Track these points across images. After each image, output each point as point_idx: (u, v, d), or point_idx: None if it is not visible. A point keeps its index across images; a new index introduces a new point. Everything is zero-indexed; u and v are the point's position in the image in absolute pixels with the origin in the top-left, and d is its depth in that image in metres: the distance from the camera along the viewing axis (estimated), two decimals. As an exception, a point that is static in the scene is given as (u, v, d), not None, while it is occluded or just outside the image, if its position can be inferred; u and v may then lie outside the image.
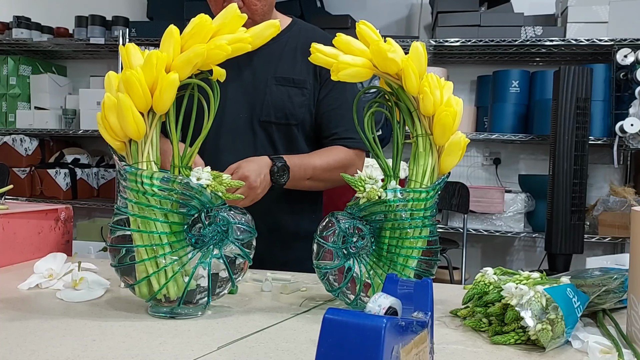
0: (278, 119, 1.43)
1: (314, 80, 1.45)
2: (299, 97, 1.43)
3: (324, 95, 1.46)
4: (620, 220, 2.93)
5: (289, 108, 1.42)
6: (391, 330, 0.52)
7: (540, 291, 0.82)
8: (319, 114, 1.46)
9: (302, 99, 1.44)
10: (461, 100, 0.98)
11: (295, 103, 1.43)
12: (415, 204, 0.94)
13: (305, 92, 1.44)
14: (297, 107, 1.43)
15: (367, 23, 0.98)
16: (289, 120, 1.43)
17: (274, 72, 1.43)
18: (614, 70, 2.99)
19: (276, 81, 1.43)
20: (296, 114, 1.43)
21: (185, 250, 0.93)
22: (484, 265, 1.22)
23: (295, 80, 1.43)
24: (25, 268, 1.20)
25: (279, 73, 1.43)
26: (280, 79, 1.43)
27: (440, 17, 3.18)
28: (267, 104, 1.42)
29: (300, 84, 1.43)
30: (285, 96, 1.42)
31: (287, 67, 1.44)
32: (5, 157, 3.56)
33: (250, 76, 1.44)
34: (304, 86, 1.44)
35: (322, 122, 1.47)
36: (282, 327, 0.90)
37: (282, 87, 1.43)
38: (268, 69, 1.43)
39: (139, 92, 0.90)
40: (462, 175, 3.56)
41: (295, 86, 1.43)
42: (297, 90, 1.43)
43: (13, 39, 3.66)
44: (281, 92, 1.42)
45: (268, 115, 1.42)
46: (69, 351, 0.76)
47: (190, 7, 3.33)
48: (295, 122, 1.44)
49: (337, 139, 1.45)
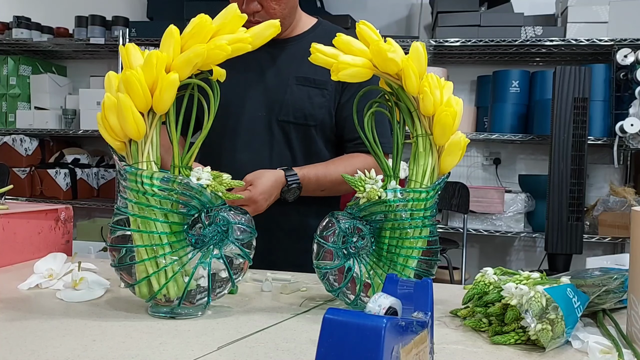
0: (296, 119, 1.42)
1: (336, 82, 1.41)
2: (319, 98, 1.42)
3: (347, 99, 1.44)
4: (620, 220, 2.93)
5: (308, 108, 1.41)
6: (391, 330, 0.52)
7: (540, 291, 0.82)
8: (342, 117, 1.45)
9: (322, 100, 1.42)
10: (461, 100, 0.98)
11: (314, 104, 1.42)
12: (415, 204, 0.94)
13: (325, 93, 1.42)
14: (317, 108, 1.42)
15: (367, 23, 0.98)
16: (307, 121, 1.42)
17: (295, 72, 1.42)
18: (614, 70, 2.99)
19: (297, 81, 1.41)
20: (315, 115, 1.42)
21: (185, 250, 0.93)
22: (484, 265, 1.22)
23: (316, 81, 1.41)
24: (25, 268, 1.20)
25: (300, 73, 1.42)
26: (301, 79, 1.41)
27: (440, 17, 3.18)
28: (286, 104, 1.41)
29: (321, 85, 1.42)
30: (305, 96, 1.41)
31: (308, 67, 1.41)
32: (5, 157, 3.57)
33: (272, 76, 1.43)
34: (324, 87, 1.42)
35: (345, 125, 1.46)
36: (282, 327, 0.90)
37: (303, 87, 1.41)
38: (290, 68, 1.42)
39: (139, 92, 0.90)
40: (462, 175, 3.56)
41: (316, 87, 1.42)
42: (317, 91, 1.42)
43: (13, 39, 3.66)
44: (301, 92, 1.41)
45: (287, 114, 1.41)
46: (69, 351, 0.76)
47: (190, 7, 3.33)
48: (313, 123, 1.43)
49: (360, 144, 1.43)
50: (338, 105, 1.45)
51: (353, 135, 1.44)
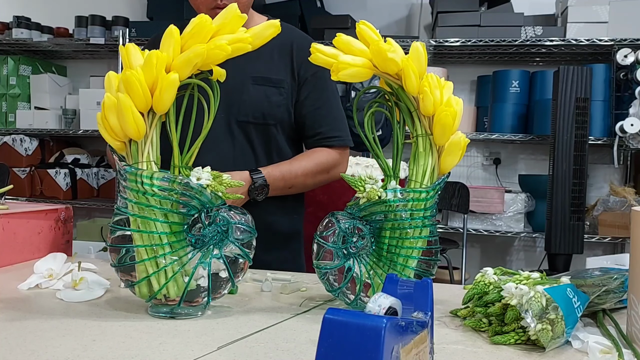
0: (256, 119, 1.42)
1: (292, 80, 1.44)
2: (277, 97, 1.43)
3: (305, 96, 1.45)
4: (620, 220, 2.93)
5: (266, 108, 1.42)
6: (391, 330, 0.52)
7: (540, 291, 0.82)
8: (301, 114, 1.46)
9: (280, 99, 1.43)
10: (461, 100, 0.98)
11: (272, 103, 1.42)
12: (415, 204, 0.94)
13: (282, 91, 1.43)
14: (275, 106, 1.43)
15: (367, 23, 0.98)
16: (267, 120, 1.43)
17: (251, 71, 1.42)
18: (614, 70, 3.00)
19: (253, 81, 1.42)
20: (274, 114, 1.43)
21: (185, 250, 0.93)
22: (484, 265, 1.22)
23: (272, 80, 1.42)
24: (25, 268, 1.20)
25: (256, 72, 1.42)
26: (257, 78, 1.42)
27: (440, 17, 3.18)
28: (244, 104, 1.41)
29: (277, 84, 1.43)
30: (263, 96, 1.42)
31: (265, 66, 1.43)
32: (5, 157, 3.57)
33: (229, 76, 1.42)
34: (281, 86, 1.43)
35: (304, 122, 1.47)
36: (282, 327, 0.90)
37: (260, 86, 1.42)
38: (245, 69, 1.42)
39: (139, 92, 0.90)
40: (462, 175, 3.56)
41: (273, 86, 1.42)
42: (274, 89, 1.43)
43: (13, 39, 3.66)
44: (258, 92, 1.42)
45: (246, 115, 1.42)
46: (69, 351, 0.76)
47: (190, 7, 3.32)
48: (273, 122, 1.44)
49: (321, 139, 1.45)
50: (296, 103, 1.46)
51: (313, 131, 1.46)
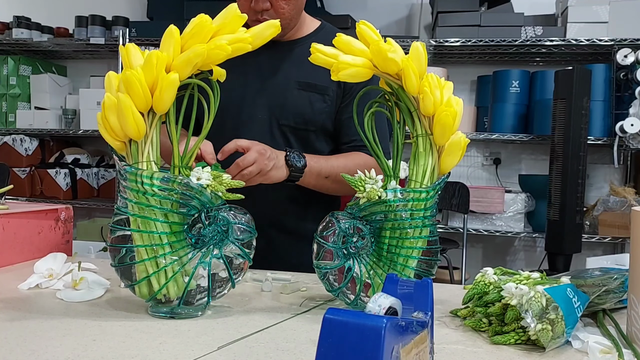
0: (297, 124, 1.41)
1: (338, 88, 1.42)
2: (320, 104, 1.41)
3: (347, 103, 1.43)
4: (620, 220, 2.93)
5: (308, 114, 1.40)
6: (391, 330, 0.52)
7: (540, 291, 0.82)
8: (340, 120, 1.44)
9: (323, 106, 1.41)
10: (461, 100, 0.98)
11: (315, 109, 1.41)
12: (415, 204, 0.94)
13: (327, 98, 1.41)
14: (317, 113, 1.41)
15: (367, 23, 0.98)
16: (308, 126, 1.41)
17: (297, 76, 1.40)
18: (614, 70, 2.99)
19: (299, 86, 1.40)
20: (315, 121, 1.41)
21: (185, 250, 0.93)
22: (484, 265, 1.22)
23: (318, 87, 1.40)
24: (25, 268, 1.20)
25: (301, 78, 1.40)
26: (302, 83, 1.40)
27: (440, 17, 3.18)
28: (287, 108, 1.40)
29: (322, 91, 1.40)
30: (307, 102, 1.40)
31: (311, 72, 1.38)
32: (5, 157, 3.56)
33: (273, 79, 1.41)
34: (326, 93, 1.41)
35: (341, 128, 1.45)
36: (282, 327, 0.90)
37: (304, 92, 1.40)
38: (291, 72, 1.41)
39: (139, 92, 0.90)
40: (462, 175, 3.56)
41: (317, 92, 1.40)
42: (318, 96, 1.41)
43: (13, 39, 3.65)
44: (302, 97, 1.40)
45: (287, 119, 1.40)
46: (69, 351, 0.76)
47: (190, 7, 3.33)
48: (313, 129, 1.42)
49: (358, 146, 1.43)
50: (338, 109, 1.44)
51: (349, 138, 1.44)
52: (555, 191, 2.69)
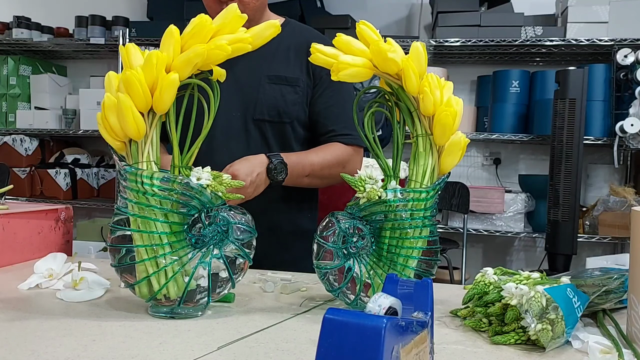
0: (272, 117, 1.43)
1: (307, 78, 1.45)
2: (292, 95, 1.44)
3: (320, 94, 1.46)
4: (620, 220, 2.93)
5: (282, 106, 1.43)
6: (391, 330, 0.52)
7: (540, 291, 0.82)
8: (315, 111, 1.46)
9: (295, 97, 1.44)
10: (461, 100, 0.98)
11: (288, 101, 1.43)
12: (415, 204, 0.94)
13: (298, 90, 1.44)
14: (290, 105, 1.44)
15: (367, 23, 0.98)
16: (283, 119, 1.44)
17: (267, 70, 1.43)
18: (614, 70, 2.99)
19: (269, 79, 1.43)
20: (289, 112, 1.44)
21: (185, 250, 0.93)
22: (484, 265, 1.23)
23: (288, 79, 1.43)
24: (25, 268, 1.20)
25: (272, 72, 1.43)
26: (273, 77, 1.43)
27: (440, 17, 3.18)
28: (260, 103, 1.42)
29: (293, 82, 1.44)
30: (279, 94, 1.43)
31: (280, 65, 1.44)
32: (5, 157, 3.56)
33: (243, 75, 1.44)
34: (296, 84, 1.44)
35: (318, 119, 1.47)
36: (282, 327, 0.90)
37: (275, 85, 1.43)
38: (261, 67, 1.43)
39: (139, 92, 0.90)
40: (462, 175, 3.56)
41: (288, 84, 1.43)
42: (290, 88, 1.43)
43: (13, 39, 3.66)
44: (274, 91, 1.43)
45: (261, 113, 1.43)
46: (69, 351, 0.76)
47: (190, 7, 3.33)
48: (288, 120, 1.44)
49: (334, 136, 1.45)
50: (311, 101, 1.46)
51: (326, 129, 1.46)
52: (554, 191, 2.69)
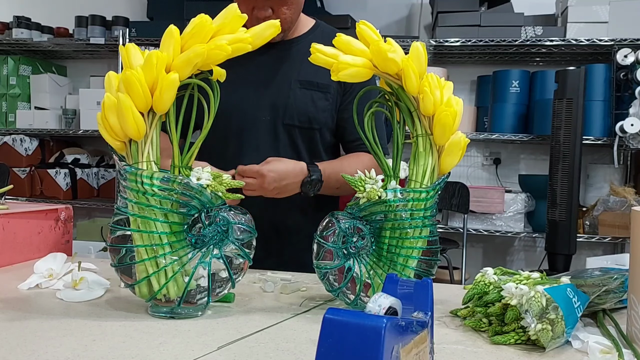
0: (301, 123, 1.41)
1: (338, 85, 1.42)
2: (323, 102, 1.42)
3: (349, 101, 1.43)
4: (620, 220, 2.93)
5: (312, 112, 1.41)
6: (391, 330, 0.52)
7: (540, 291, 0.82)
8: (343, 118, 1.45)
9: (326, 104, 1.42)
10: (461, 100, 0.98)
11: (318, 107, 1.41)
12: (415, 204, 0.94)
13: (328, 96, 1.42)
14: (321, 111, 1.42)
15: (367, 23, 0.98)
16: (312, 125, 1.42)
17: (297, 75, 1.41)
18: (614, 70, 2.99)
19: (300, 84, 1.40)
20: (319, 119, 1.42)
21: (185, 250, 0.93)
22: (484, 265, 1.22)
23: (319, 85, 1.41)
24: (25, 268, 1.20)
25: (302, 76, 1.41)
26: (304, 82, 1.41)
27: (440, 17, 3.18)
28: (290, 107, 1.40)
29: (324, 89, 1.41)
30: (309, 100, 1.41)
31: (311, 70, 1.38)
32: (5, 157, 3.56)
33: (274, 79, 1.41)
34: (327, 91, 1.42)
35: (345, 126, 1.46)
36: (282, 327, 0.90)
37: (306, 90, 1.41)
38: (291, 71, 1.41)
39: (139, 92, 0.90)
40: (462, 175, 3.56)
41: (319, 90, 1.41)
42: (320, 94, 1.41)
43: (13, 39, 3.66)
44: (305, 96, 1.40)
45: (292, 118, 1.40)
46: (69, 351, 0.76)
47: (190, 7, 3.33)
48: (317, 127, 1.43)
49: (361, 144, 1.43)
50: (340, 107, 1.45)
51: (355, 136, 1.45)
52: (554, 191, 2.69)
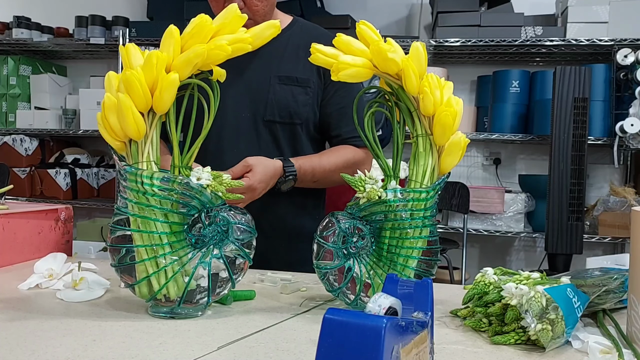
0: (282, 118, 1.42)
1: (318, 79, 1.44)
2: (303, 96, 1.42)
3: (331, 95, 1.44)
4: (620, 220, 2.93)
5: (292, 107, 1.41)
6: (391, 330, 0.52)
7: (540, 291, 0.82)
8: (326, 113, 1.46)
9: (306, 98, 1.43)
10: (461, 100, 0.98)
11: (299, 102, 1.42)
12: (415, 204, 0.94)
13: (309, 91, 1.43)
14: (301, 106, 1.42)
15: (367, 23, 0.98)
16: (293, 120, 1.42)
17: (276, 70, 1.42)
18: (614, 70, 2.99)
19: (279, 80, 1.41)
20: (300, 113, 1.43)
21: (185, 250, 0.93)
22: (484, 266, 1.22)
23: (298, 79, 1.42)
24: (25, 268, 1.20)
25: (281, 72, 1.42)
26: (283, 77, 1.41)
27: (440, 17, 3.18)
28: (270, 103, 1.41)
29: (303, 83, 1.42)
30: (289, 95, 1.41)
31: (290, 65, 1.42)
32: (5, 157, 3.56)
33: (252, 75, 1.42)
34: (307, 85, 1.43)
35: (330, 121, 1.46)
36: (282, 327, 0.90)
37: (286, 85, 1.41)
38: (270, 67, 1.42)
39: (139, 92, 0.90)
40: (462, 175, 3.56)
41: (298, 85, 1.42)
42: (300, 89, 1.42)
43: (13, 39, 3.66)
44: (285, 91, 1.41)
45: (272, 114, 1.41)
46: (69, 351, 0.76)
47: (190, 7, 3.33)
48: (299, 122, 1.43)
49: (346, 138, 1.44)
50: (322, 102, 1.46)
51: (338, 131, 1.46)
52: (555, 191, 2.69)
